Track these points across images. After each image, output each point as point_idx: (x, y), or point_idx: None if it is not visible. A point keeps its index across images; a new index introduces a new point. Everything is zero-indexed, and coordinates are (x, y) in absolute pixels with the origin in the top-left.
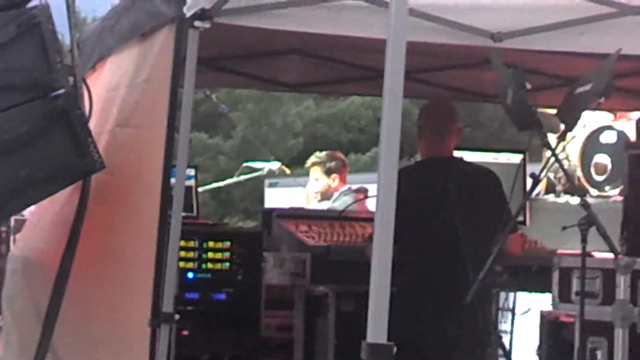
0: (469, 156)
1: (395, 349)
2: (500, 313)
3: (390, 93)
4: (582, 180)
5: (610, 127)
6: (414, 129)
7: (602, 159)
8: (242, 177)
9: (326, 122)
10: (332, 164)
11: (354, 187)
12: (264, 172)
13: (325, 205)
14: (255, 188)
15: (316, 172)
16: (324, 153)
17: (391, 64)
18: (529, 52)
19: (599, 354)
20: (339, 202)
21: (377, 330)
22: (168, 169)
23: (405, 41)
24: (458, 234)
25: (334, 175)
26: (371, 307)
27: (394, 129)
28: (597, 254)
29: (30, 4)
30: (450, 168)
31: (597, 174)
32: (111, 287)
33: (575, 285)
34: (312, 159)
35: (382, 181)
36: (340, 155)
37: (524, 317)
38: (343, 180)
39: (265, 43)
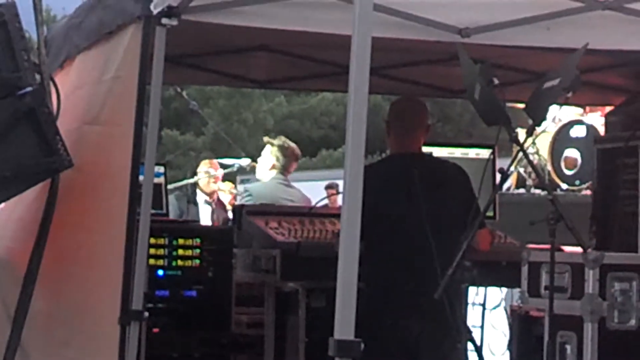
0: (439, 151)
1: (363, 345)
2: (470, 308)
3: (355, 89)
4: (552, 174)
5: (580, 122)
6: (383, 124)
7: (572, 153)
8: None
9: (297, 118)
10: (280, 149)
11: (325, 182)
12: (235, 168)
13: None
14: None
15: (267, 150)
16: (283, 139)
17: (356, 59)
18: (497, 47)
19: (568, 348)
20: (262, 185)
21: (344, 326)
22: (136, 166)
23: (370, 37)
24: (424, 227)
25: (277, 156)
26: (338, 304)
27: (359, 125)
28: (567, 248)
29: None
30: (416, 162)
31: (567, 168)
32: (80, 285)
33: (544, 279)
34: (270, 140)
35: (348, 177)
36: (296, 150)
37: (495, 312)
38: (284, 170)
39: (232, 40)
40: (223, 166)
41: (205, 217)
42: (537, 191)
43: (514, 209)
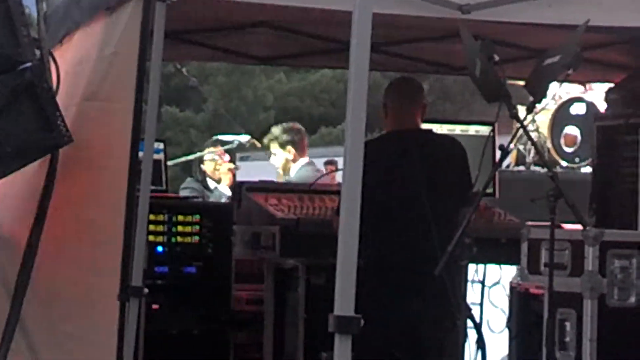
0: (438, 128)
1: (362, 322)
2: (470, 285)
3: (356, 65)
4: (552, 151)
5: (580, 99)
6: (381, 104)
7: (572, 130)
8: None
9: (297, 95)
10: (285, 136)
11: (325, 159)
12: (235, 145)
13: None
14: None
15: (274, 147)
16: (279, 127)
17: (357, 36)
18: (498, 24)
19: (567, 325)
20: (297, 176)
21: (344, 302)
22: (136, 142)
23: (370, 13)
24: (422, 203)
25: (288, 148)
26: (338, 280)
27: (360, 101)
28: (566, 226)
29: None
30: (414, 138)
31: (567, 145)
32: (80, 261)
33: (544, 256)
34: (268, 136)
35: (348, 154)
36: (296, 125)
37: (494, 289)
38: (301, 152)
39: (232, 16)
40: (222, 143)
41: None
42: (537, 168)
43: (514, 186)
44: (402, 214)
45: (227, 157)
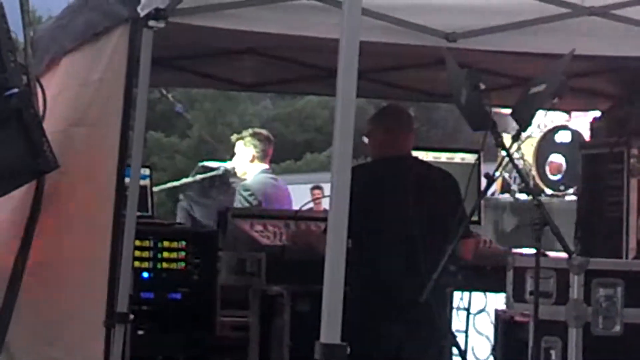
0: (424, 155)
1: (349, 350)
2: (455, 312)
3: (343, 92)
4: (537, 179)
5: (565, 127)
6: (367, 131)
7: (557, 158)
8: (199, 177)
9: (283, 121)
10: (250, 138)
11: (311, 185)
12: (221, 171)
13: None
14: None
15: (238, 147)
16: (250, 130)
17: (344, 63)
18: (483, 52)
19: (553, 353)
20: (254, 180)
21: (330, 330)
22: (122, 168)
23: (358, 41)
24: (411, 230)
25: (250, 149)
26: (324, 308)
27: (347, 128)
28: (551, 254)
29: None
30: (405, 166)
31: (552, 173)
32: (66, 287)
33: (529, 284)
34: (237, 135)
35: (335, 181)
36: (266, 133)
37: (479, 316)
38: (263, 158)
39: (219, 42)
40: (208, 169)
41: None
42: (522, 196)
43: (499, 214)
44: (390, 241)
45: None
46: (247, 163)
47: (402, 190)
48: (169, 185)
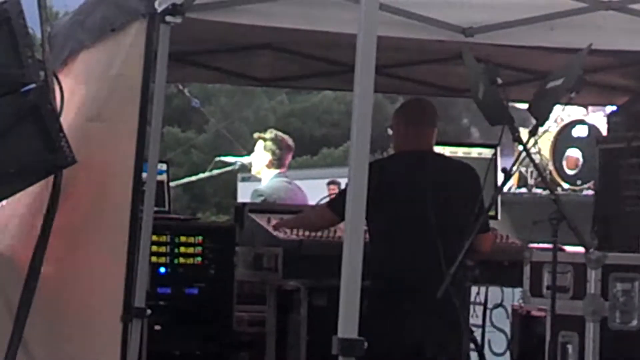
0: (441, 151)
1: (366, 344)
2: (472, 307)
3: (361, 87)
4: (554, 174)
5: (582, 122)
6: (385, 123)
7: (574, 152)
8: (215, 172)
9: (299, 116)
10: (270, 143)
11: (327, 180)
12: (237, 166)
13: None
14: (228, 182)
15: (258, 147)
16: (273, 133)
17: (362, 58)
18: (501, 47)
19: (570, 348)
20: (269, 185)
21: (348, 325)
22: (140, 163)
23: (375, 36)
24: (431, 225)
25: (268, 154)
26: (342, 302)
27: (364, 123)
28: (569, 248)
29: None
30: (425, 161)
31: (569, 168)
32: (83, 282)
33: (546, 279)
34: (260, 134)
35: (353, 175)
36: (287, 140)
37: (496, 311)
38: (280, 165)
39: (236, 38)
40: (224, 164)
41: None
42: (539, 191)
43: (516, 208)
44: (411, 235)
45: None
46: (262, 166)
47: (420, 184)
48: (186, 180)
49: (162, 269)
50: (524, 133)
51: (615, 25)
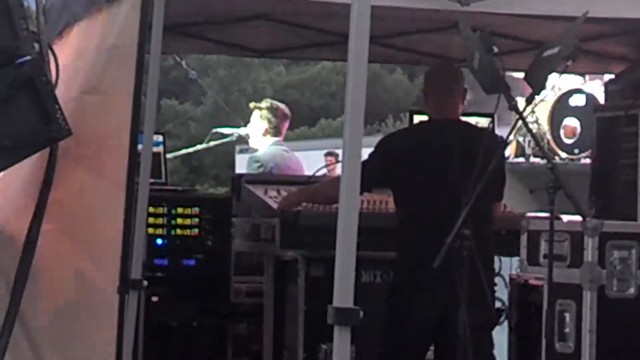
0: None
1: (402, 315)
2: None
3: (355, 57)
4: (552, 143)
5: (579, 90)
6: (385, 95)
7: (572, 122)
8: (212, 143)
9: (297, 87)
10: (266, 112)
11: (325, 151)
12: (234, 138)
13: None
14: (226, 154)
15: (255, 116)
16: (269, 102)
17: (356, 28)
18: (496, 16)
19: (567, 316)
20: (266, 152)
21: (343, 294)
22: (135, 135)
23: (369, 5)
24: (458, 195)
25: (264, 122)
26: (337, 272)
27: (359, 93)
28: (565, 217)
29: None
30: (454, 130)
31: (566, 137)
32: (79, 254)
33: (543, 248)
34: (257, 103)
35: (347, 146)
36: (284, 109)
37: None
38: (276, 133)
39: (232, 8)
40: (222, 135)
41: None
42: (536, 160)
43: (513, 177)
44: (437, 206)
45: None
46: (259, 136)
47: (446, 153)
48: (183, 152)
49: (159, 241)
50: (521, 102)
51: None
